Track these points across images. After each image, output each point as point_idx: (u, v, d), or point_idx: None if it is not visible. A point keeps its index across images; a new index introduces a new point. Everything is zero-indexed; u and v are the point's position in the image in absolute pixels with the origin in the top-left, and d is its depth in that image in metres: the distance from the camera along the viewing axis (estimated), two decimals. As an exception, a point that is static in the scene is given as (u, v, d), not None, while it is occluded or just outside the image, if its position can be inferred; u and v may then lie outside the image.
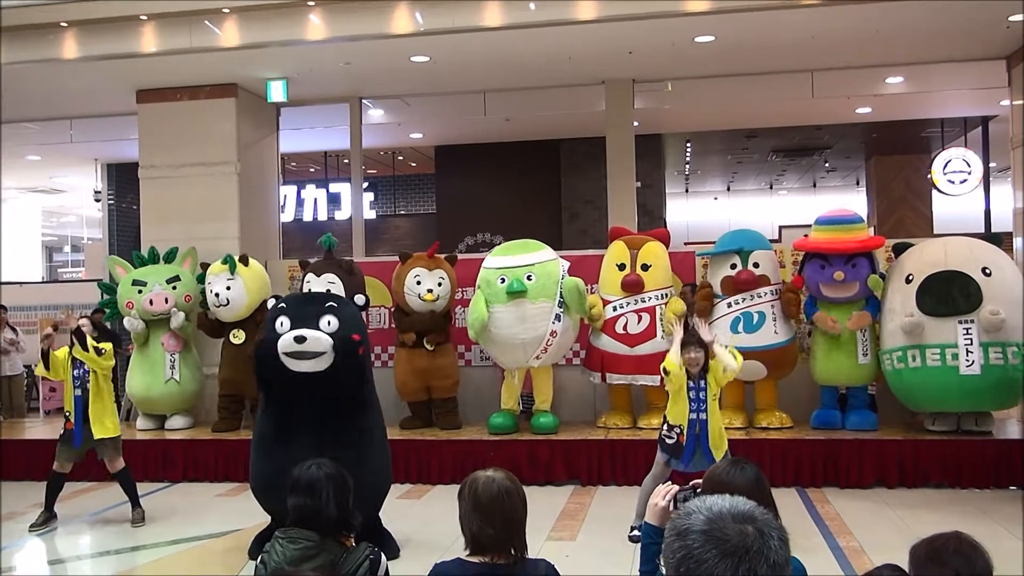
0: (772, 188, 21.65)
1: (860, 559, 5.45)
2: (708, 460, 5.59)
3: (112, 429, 6.74)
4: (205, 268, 9.10)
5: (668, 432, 5.83)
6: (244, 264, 8.96)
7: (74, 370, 6.61)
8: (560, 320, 7.82)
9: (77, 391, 6.61)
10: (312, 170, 16.35)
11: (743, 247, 8.03)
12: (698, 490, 2.40)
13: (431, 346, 8.49)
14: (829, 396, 8.09)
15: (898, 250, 7.90)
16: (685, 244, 13.28)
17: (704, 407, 5.73)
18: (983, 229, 12.26)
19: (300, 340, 5.12)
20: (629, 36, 8.57)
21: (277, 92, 9.83)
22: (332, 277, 8.46)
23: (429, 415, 8.75)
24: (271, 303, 5.60)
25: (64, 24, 8.57)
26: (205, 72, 9.46)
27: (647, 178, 13.39)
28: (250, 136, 10.23)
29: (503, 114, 11.21)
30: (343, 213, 15.28)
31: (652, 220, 13.25)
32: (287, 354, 5.16)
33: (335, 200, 15.91)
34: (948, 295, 7.17)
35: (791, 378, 8.24)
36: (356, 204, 11.30)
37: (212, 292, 8.85)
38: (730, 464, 2.67)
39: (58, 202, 18.99)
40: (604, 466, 7.76)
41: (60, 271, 23.97)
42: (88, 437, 6.62)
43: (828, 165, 18.60)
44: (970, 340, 7.05)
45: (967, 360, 7.03)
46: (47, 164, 14.41)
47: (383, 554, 3.06)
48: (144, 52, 8.68)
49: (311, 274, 8.53)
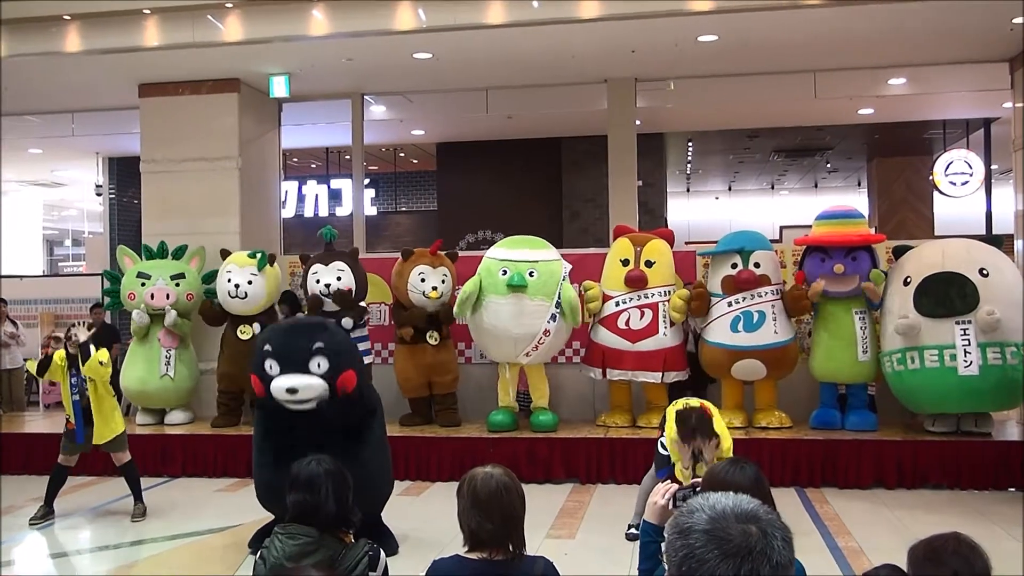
0: (773, 188, 21.63)
1: (859, 559, 5.45)
2: None
3: (116, 428, 6.76)
4: (224, 255, 8.99)
5: (662, 449, 5.71)
6: (271, 264, 8.98)
7: (71, 377, 6.61)
8: (555, 320, 7.84)
9: (75, 396, 6.62)
10: (313, 166, 16.34)
11: (744, 247, 8.03)
12: (698, 488, 2.41)
13: (435, 341, 8.49)
14: (828, 395, 8.09)
15: (898, 253, 7.91)
16: (686, 243, 13.28)
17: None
18: (985, 231, 12.26)
19: (292, 391, 5.14)
20: (632, 35, 8.57)
21: (279, 87, 9.82)
22: (341, 264, 8.48)
23: (429, 412, 8.76)
24: (257, 332, 5.56)
25: (67, 17, 8.56)
26: (207, 67, 9.45)
27: (648, 177, 13.40)
28: (252, 131, 10.22)
29: (505, 112, 11.20)
30: (344, 209, 15.28)
31: (653, 219, 13.26)
32: (281, 399, 5.21)
33: (336, 196, 15.91)
34: (945, 296, 7.17)
35: (791, 378, 8.24)
36: (357, 200, 11.30)
37: (231, 282, 8.72)
38: (730, 463, 2.67)
39: (59, 196, 18.99)
40: (603, 464, 7.77)
41: (61, 265, 24.01)
42: (91, 437, 6.63)
43: (830, 166, 18.58)
44: (968, 341, 7.05)
45: (965, 361, 7.03)
46: (48, 157, 14.41)
47: (382, 550, 3.07)
48: (146, 46, 8.66)
49: (318, 264, 8.50)
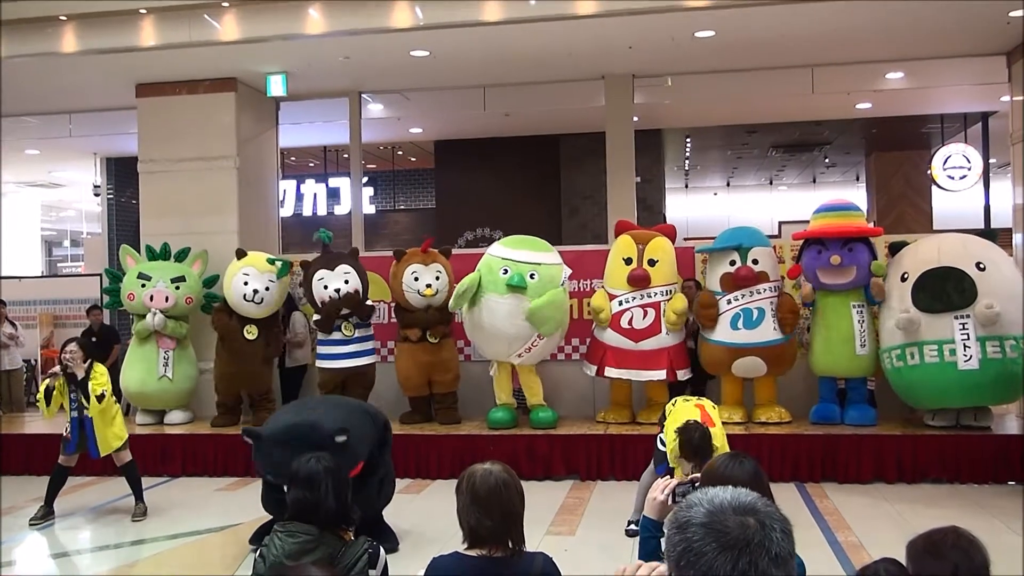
0: (772, 184, 21.63)
1: (858, 554, 5.46)
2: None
3: (121, 434, 6.82)
4: (240, 255, 8.89)
5: (661, 445, 5.68)
6: (287, 273, 9.02)
7: (71, 393, 6.62)
8: None
9: (73, 412, 6.65)
10: (311, 164, 16.33)
11: (742, 244, 8.02)
12: (697, 484, 2.41)
13: (435, 339, 8.49)
14: (827, 389, 8.09)
15: (894, 249, 7.91)
16: (685, 239, 13.26)
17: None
18: (983, 225, 12.27)
19: None
20: (629, 31, 8.56)
21: (276, 86, 9.80)
22: (346, 268, 8.46)
23: (429, 410, 8.75)
24: (252, 446, 5.52)
25: (63, 18, 8.54)
26: (204, 66, 9.43)
27: (647, 173, 13.38)
28: (249, 130, 10.21)
29: (503, 109, 11.19)
30: (342, 208, 15.27)
31: (652, 215, 13.25)
32: None
33: (334, 195, 15.91)
34: (943, 291, 7.17)
35: (790, 373, 8.25)
36: (355, 199, 11.29)
37: (249, 286, 8.66)
38: (729, 458, 2.67)
39: (57, 196, 18.98)
40: (603, 461, 7.77)
41: (59, 265, 23.98)
42: (83, 443, 6.68)
43: (828, 161, 18.58)
44: (967, 335, 7.05)
45: (965, 355, 7.03)
46: (46, 158, 14.38)
47: (382, 548, 3.07)
48: (143, 46, 8.64)
49: (324, 270, 8.42)
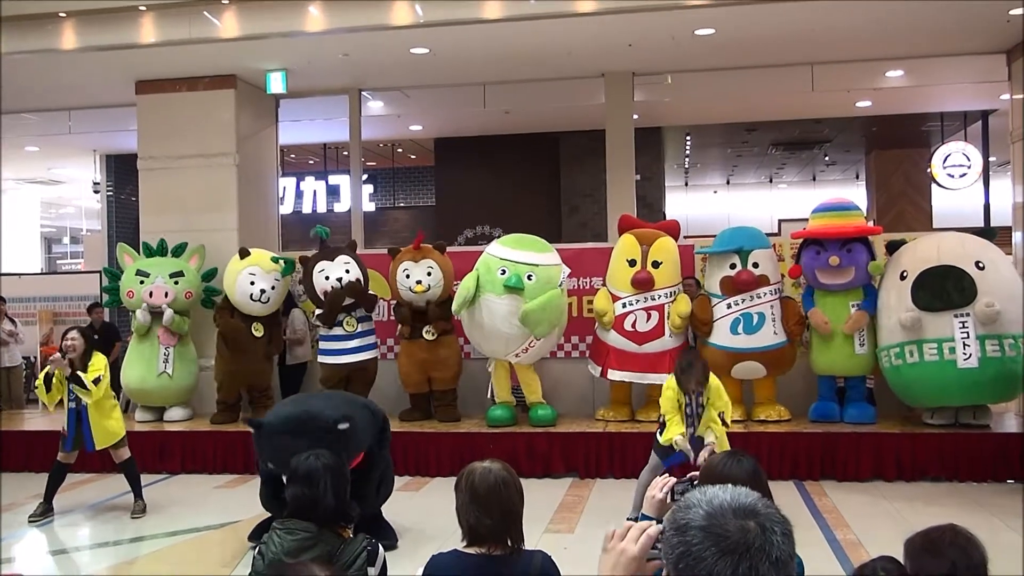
0: (772, 182, 21.61)
1: (857, 552, 5.46)
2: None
3: (117, 430, 6.78)
4: (244, 254, 8.89)
5: (662, 434, 5.82)
6: (292, 272, 9.07)
7: (70, 384, 6.60)
8: None
9: (71, 403, 6.63)
10: (311, 162, 16.32)
11: (742, 247, 7.99)
12: (695, 482, 2.41)
13: (431, 336, 8.49)
14: (827, 387, 8.09)
15: (891, 248, 7.90)
16: (685, 237, 13.25)
17: (698, 421, 5.72)
18: (982, 223, 12.27)
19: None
20: (629, 29, 8.55)
21: (276, 83, 9.80)
22: (346, 258, 8.54)
23: (428, 407, 8.76)
24: (255, 438, 5.46)
25: (63, 15, 8.53)
26: (204, 63, 9.43)
27: (647, 171, 13.37)
28: (249, 127, 10.21)
29: (503, 107, 11.18)
30: (342, 205, 15.26)
31: (652, 213, 13.23)
32: None
33: (334, 192, 15.89)
34: (942, 289, 7.18)
35: (789, 372, 8.24)
36: (355, 196, 11.28)
37: (255, 286, 8.71)
38: (728, 456, 2.68)
39: (57, 193, 18.95)
40: (602, 459, 7.78)
41: (59, 262, 23.96)
42: (79, 438, 6.66)
43: (828, 159, 18.57)
44: (966, 333, 7.06)
45: (964, 353, 7.04)
46: (45, 155, 14.37)
47: (380, 545, 3.08)
48: (143, 43, 8.64)
49: (324, 261, 8.50)
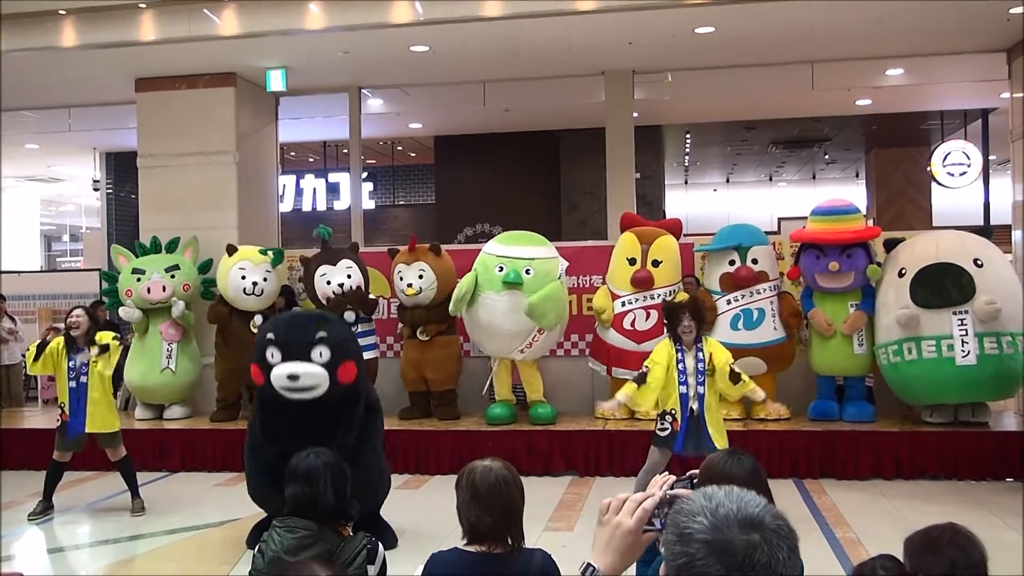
0: (771, 180, 21.60)
1: (856, 550, 5.46)
2: (708, 446, 5.52)
3: (110, 422, 6.68)
4: (231, 250, 8.93)
5: (661, 424, 5.75)
6: (281, 261, 9.06)
7: (69, 361, 6.52)
8: None
9: (71, 383, 6.53)
10: (311, 160, 16.32)
11: (741, 243, 8.01)
12: (695, 480, 2.40)
13: (425, 336, 8.50)
14: (826, 386, 8.10)
15: (889, 245, 7.90)
16: (684, 235, 13.26)
17: (701, 380, 5.61)
18: (982, 222, 12.27)
19: (293, 378, 5.16)
20: (629, 27, 8.55)
21: (276, 81, 9.79)
22: (348, 262, 8.53)
23: (428, 406, 8.76)
24: (258, 321, 5.55)
25: (63, 12, 8.52)
26: (204, 61, 9.42)
27: (646, 169, 13.37)
28: (249, 125, 10.20)
29: (503, 104, 11.18)
30: (342, 203, 15.25)
31: (651, 211, 13.23)
32: (281, 387, 5.20)
33: (334, 190, 15.89)
34: (941, 287, 7.18)
35: (789, 370, 8.25)
36: (355, 194, 11.29)
37: (247, 279, 8.68)
38: (727, 455, 2.67)
39: (56, 191, 18.93)
40: (602, 457, 7.78)
41: (59, 260, 23.94)
42: (82, 431, 6.56)
43: (828, 157, 18.56)
44: (965, 331, 7.07)
45: (963, 351, 7.05)
46: (45, 153, 14.36)
47: (380, 543, 3.08)
48: (143, 40, 8.63)
49: (326, 266, 8.48)
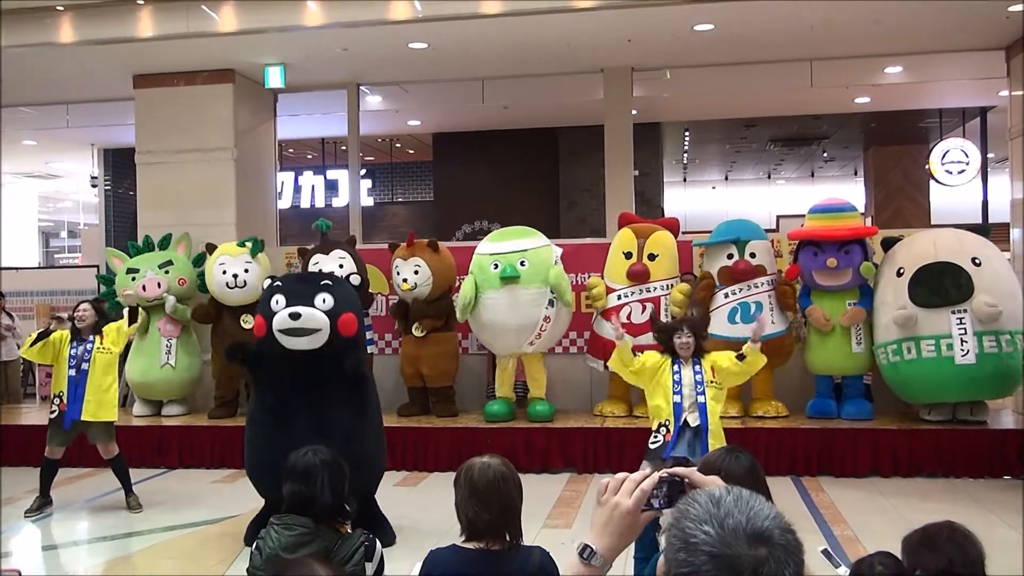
0: (770, 178, 21.62)
1: (854, 547, 5.47)
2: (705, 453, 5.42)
3: (107, 410, 6.53)
4: (211, 249, 8.95)
5: (654, 437, 5.33)
6: (261, 249, 8.99)
7: (71, 349, 6.45)
8: (553, 305, 7.84)
9: (71, 371, 6.43)
10: (309, 156, 16.31)
11: (740, 237, 8.04)
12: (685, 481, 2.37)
13: (420, 332, 8.50)
14: (824, 385, 8.11)
15: (886, 245, 7.91)
16: (683, 233, 13.26)
17: (701, 390, 5.27)
18: (980, 220, 12.27)
19: (295, 317, 5.15)
20: (628, 24, 8.54)
21: (275, 78, 9.78)
22: (342, 253, 8.51)
23: (426, 402, 8.77)
24: (266, 283, 5.60)
25: (60, 8, 8.51)
26: (202, 57, 9.40)
27: (645, 167, 13.37)
28: (247, 122, 10.19)
29: (501, 102, 11.18)
30: (340, 200, 15.24)
31: (650, 209, 13.23)
32: (282, 331, 5.18)
33: (332, 187, 15.88)
34: (940, 286, 7.19)
35: (787, 367, 8.25)
36: (353, 191, 11.28)
37: (228, 273, 8.69)
38: (725, 452, 2.67)
39: (54, 187, 18.92)
40: (600, 454, 7.78)
41: (56, 257, 23.93)
42: (78, 419, 6.41)
43: (826, 155, 18.57)
44: (964, 330, 7.07)
45: (962, 350, 7.05)
46: (43, 149, 14.36)
47: (378, 540, 3.08)
48: (141, 37, 8.63)
49: (319, 255, 8.50)
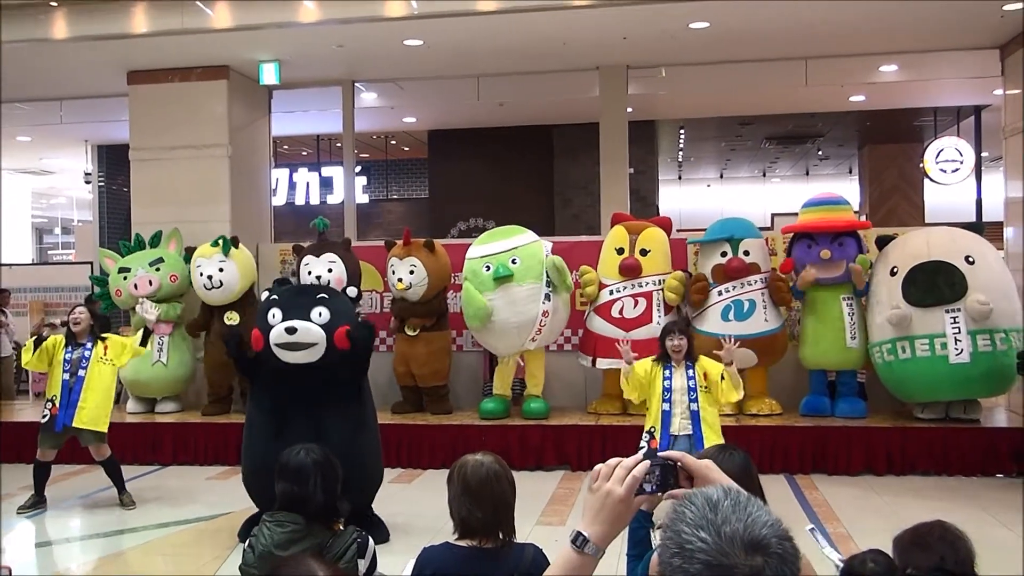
0: (765, 176, 21.64)
1: (847, 545, 5.47)
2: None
3: (96, 422, 6.49)
4: (191, 252, 8.98)
5: (640, 444, 5.56)
6: (235, 246, 8.90)
7: (66, 353, 6.45)
8: (550, 299, 7.86)
9: (66, 375, 6.45)
10: (304, 153, 16.27)
11: (733, 235, 8.06)
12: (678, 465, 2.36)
13: (412, 331, 8.50)
14: (818, 381, 8.12)
15: (880, 243, 7.93)
16: (678, 231, 13.28)
17: (693, 397, 5.48)
18: (975, 218, 12.30)
19: (291, 331, 5.18)
20: (623, 22, 8.53)
21: (269, 75, 9.75)
22: (332, 256, 8.47)
23: (420, 400, 8.76)
24: (264, 295, 5.59)
25: (54, 3, 8.48)
26: (197, 54, 9.37)
27: (640, 164, 13.38)
28: (242, 119, 10.16)
29: (497, 99, 11.17)
30: (335, 197, 15.21)
31: (645, 207, 13.25)
32: (279, 345, 5.20)
33: (327, 184, 15.84)
34: (934, 285, 7.20)
35: (781, 365, 8.27)
36: (348, 188, 11.26)
37: (203, 275, 8.70)
38: (719, 450, 2.67)
39: (48, 183, 18.87)
40: (594, 451, 7.78)
41: (50, 253, 23.89)
42: (69, 425, 6.42)
43: (821, 153, 18.59)
44: (958, 329, 7.09)
45: (956, 348, 7.07)
46: (37, 145, 14.31)
47: (370, 537, 3.08)
48: (135, 33, 8.59)
49: (310, 256, 8.48)
